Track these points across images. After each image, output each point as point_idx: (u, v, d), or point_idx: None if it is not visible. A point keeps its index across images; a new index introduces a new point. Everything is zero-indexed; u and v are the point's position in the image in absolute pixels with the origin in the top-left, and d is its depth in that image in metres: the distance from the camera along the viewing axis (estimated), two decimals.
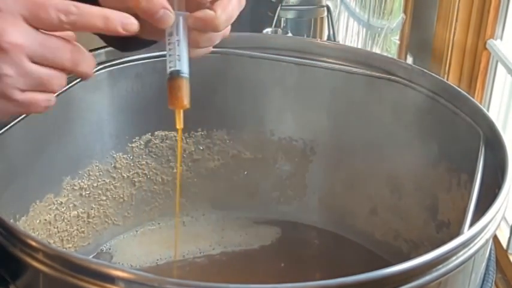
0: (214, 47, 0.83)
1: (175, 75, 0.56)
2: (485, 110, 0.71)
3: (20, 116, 0.69)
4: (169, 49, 0.56)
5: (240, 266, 0.82)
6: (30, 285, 0.53)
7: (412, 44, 1.43)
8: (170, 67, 0.56)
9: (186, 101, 0.57)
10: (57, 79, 0.52)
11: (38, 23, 0.50)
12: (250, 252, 0.84)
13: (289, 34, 1.07)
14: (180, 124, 0.58)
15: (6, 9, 0.49)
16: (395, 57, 1.42)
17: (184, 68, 0.56)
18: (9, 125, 0.68)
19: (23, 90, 0.51)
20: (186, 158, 0.87)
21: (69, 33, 0.52)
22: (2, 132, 0.67)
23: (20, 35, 0.49)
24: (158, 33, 0.56)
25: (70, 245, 0.80)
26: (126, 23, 0.52)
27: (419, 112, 0.77)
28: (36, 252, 0.51)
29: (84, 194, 0.81)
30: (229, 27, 0.59)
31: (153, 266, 0.81)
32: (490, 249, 0.62)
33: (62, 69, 0.52)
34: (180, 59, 0.56)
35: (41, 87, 0.51)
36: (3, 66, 0.49)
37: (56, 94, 0.54)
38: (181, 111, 0.58)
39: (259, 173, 0.89)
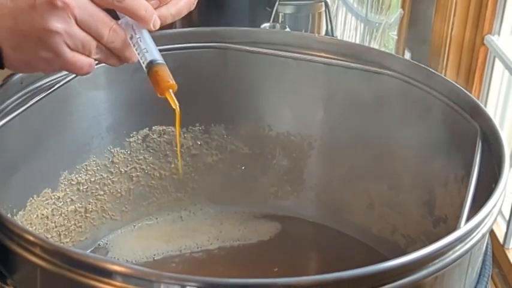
0: (212, 41, 0.84)
1: (150, 65, 0.58)
2: (482, 105, 0.71)
3: (22, 108, 0.69)
4: (136, 49, 0.58)
5: (238, 260, 0.82)
6: (27, 279, 0.53)
7: (410, 39, 1.43)
8: (143, 62, 0.58)
9: (170, 81, 0.58)
10: (96, 47, 0.57)
11: None
12: (248, 246, 0.84)
13: (287, 29, 1.06)
14: (175, 104, 0.59)
15: None
16: (393, 52, 1.42)
17: (155, 56, 0.58)
18: (7, 119, 0.68)
19: (71, 49, 0.56)
20: (184, 153, 0.87)
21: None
22: (0, 126, 0.67)
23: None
24: None
25: (67, 240, 0.81)
26: (157, 18, 0.59)
27: (417, 107, 0.77)
28: (33, 247, 0.51)
29: (81, 188, 0.81)
30: None
31: (150, 260, 0.81)
32: (487, 244, 0.62)
33: (99, 41, 0.57)
34: (147, 50, 0.58)
35: (84, 50, 0.56)
36: (53, 21, 0.54)
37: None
38: (171, 91, 0.59)
39: (257, 168, 0.89)
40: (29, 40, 0.55)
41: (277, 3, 1.10)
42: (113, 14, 0.58)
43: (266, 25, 1.06)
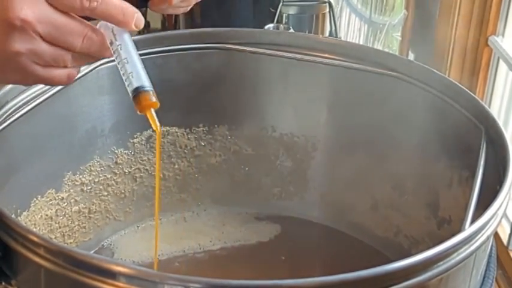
0: (216, 42, 0.84)
1: (138, 93, 0.53)
2: (486, 106, 0.71)
3: (26, 109, 0.69)
4: (116, 57, 0.54)
5: (240, 261, 0.82)
6: (31, 280, 0.53)
7: (413, 40, 1.43)
8: (123, 75, 0.54)
9: (152, 99, 0.53)
10: (70, 57, 0.53)
11: (60, 5, 0.50)
12: (249, 247, 0.84)
13: (291, 30, 1.06)
14: (155, 124, 0.55)
15: None
16: (397, 53, 1.42)
17: (137, 69, 0.54)
18: (11, 120, 0.68)
19: (43, 66, 0.52)
20: (188, 153, 0.87)
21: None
22: (4, 127, 0.67)
23: (33, 14, 0.49)
24: None
25: (71, 241, 0.81)
26: (139, 17, 0.54)
27: (421, 108, 0.77)
28: (37, 248, 0.51)
29: (85, 189, 0.81)
30: None
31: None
32: (491, 246, 0.62)
33: (73, 51, 0.53)
34: (128, 61, 0.54)
35: (57, 64, 0.52)
36: (13, 43, 0.50)
37: (79, 66, 0.55)
38: (152, 110, 0.54)
39: (261, 169, 0.89)
40: None
41: (280, 4, 1.10)
42: None
43: (270, 26, 1.06)
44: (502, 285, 1.04)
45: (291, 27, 1.08)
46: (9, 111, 0.69)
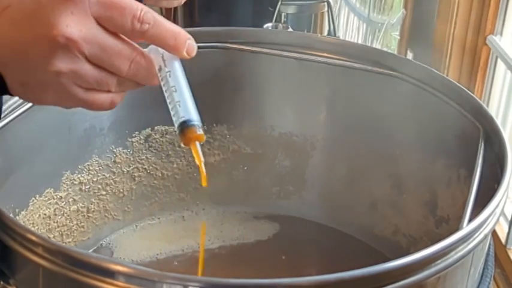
0: (214, 41, 0.84)
1: (184, 127, 0.51)
2: (484, 105, 0.71)
3: (24, 108, 0.69)
4: (164, 84, 0.50)
5: (239, 260, 0.82)
6: (30, 279, 0.53)
7: (412, 40, 1.43)
8: (169, 103, 0.51)
9: (197, 132, 0.51)
10: (115, 82, 0.49)
11: (109, 25, 0.47)
12: (248, 246, 0.84)
13: (290, 29, 1.07)
14: (199, 159, 0.53)
15: (81, 2, 0.46)
16: (395, 52, 1.42)
17: (185, 99, 0.51)
18: (10, 119, 0.68)
19: (86, 89, 0.48)
20: (187, 153, 0.87)
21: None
22: (2, 126, 0.67)
23: (79, 32, 0.46)
24: None
25: (70, 240, 0.81)
26: (191, 44, 0.50)
27: (419, 107, 0.77)
28: (36, 247, 0.51)
29: (84, 188, 0.81)
30: None
31: (154, 260, 0.81)
32: (489, 244, 0.62)
33: (119, 75, 0.49)
34: (176, 89, 0.50)
35: (100, 87, 0.48)
36: (55, 62, 0.46)
37: (122, 92, 0.51)
38: (197, 144, 0.52)
39: (260, 168, 0.89)
40: (34, 79, 0.47)
41: (279, 3, 1.10)
42: None
43: (269, 25, 1.06)
44: (500, 283, 1.04)
45: (289, 26, 1.08)
46: (8, 110, 0.69)
